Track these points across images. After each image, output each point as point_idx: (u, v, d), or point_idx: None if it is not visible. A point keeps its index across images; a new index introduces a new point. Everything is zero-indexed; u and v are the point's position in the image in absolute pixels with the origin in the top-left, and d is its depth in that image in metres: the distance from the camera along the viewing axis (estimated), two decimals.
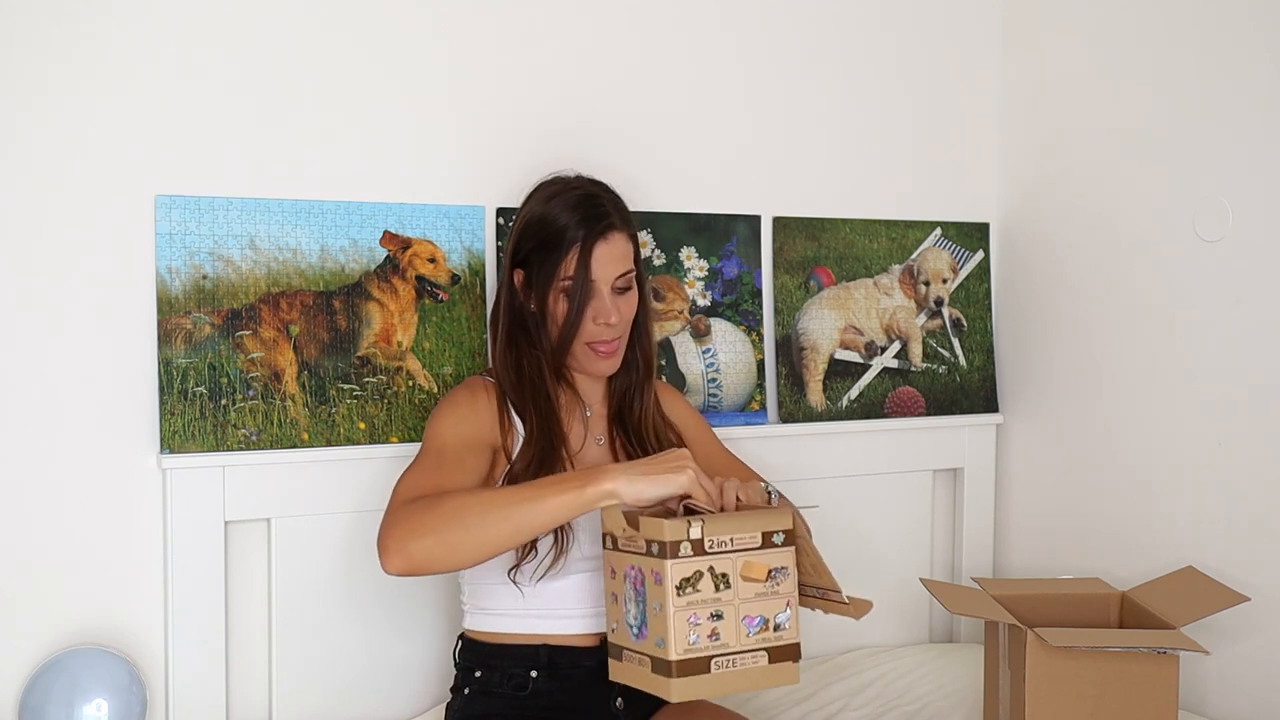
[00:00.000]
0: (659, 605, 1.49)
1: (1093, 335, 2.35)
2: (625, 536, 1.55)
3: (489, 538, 1.53)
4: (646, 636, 1.53)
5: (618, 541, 1.57)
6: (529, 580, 1.74)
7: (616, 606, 1.60)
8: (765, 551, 1.54)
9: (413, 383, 2.05)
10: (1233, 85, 2.08)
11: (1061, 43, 2.44)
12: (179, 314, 1.91)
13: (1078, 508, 2.39)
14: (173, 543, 1.90)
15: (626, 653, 1.58)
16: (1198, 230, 2.13)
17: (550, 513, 1.52)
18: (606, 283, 1.78)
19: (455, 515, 1.53)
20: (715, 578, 1.51)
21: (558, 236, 1.77)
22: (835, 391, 2.41)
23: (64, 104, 1.85)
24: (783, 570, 1.55)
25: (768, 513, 1.56)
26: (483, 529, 1.52)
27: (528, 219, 1.82)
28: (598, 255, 1.77)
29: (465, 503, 1.54)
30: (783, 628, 1.55)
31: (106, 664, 1.81)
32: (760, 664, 1.54)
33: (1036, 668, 1.76)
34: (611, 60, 2.23)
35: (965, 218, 2.57)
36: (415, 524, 1.54)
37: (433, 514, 1.53)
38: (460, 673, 1.83)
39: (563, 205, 1.79)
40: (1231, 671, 2.06)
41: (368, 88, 2.04)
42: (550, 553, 1.72)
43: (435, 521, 1.53)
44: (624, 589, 1.57)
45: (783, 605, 1.55)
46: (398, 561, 1.53)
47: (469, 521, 1.52)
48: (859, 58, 2.46)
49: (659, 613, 1.49)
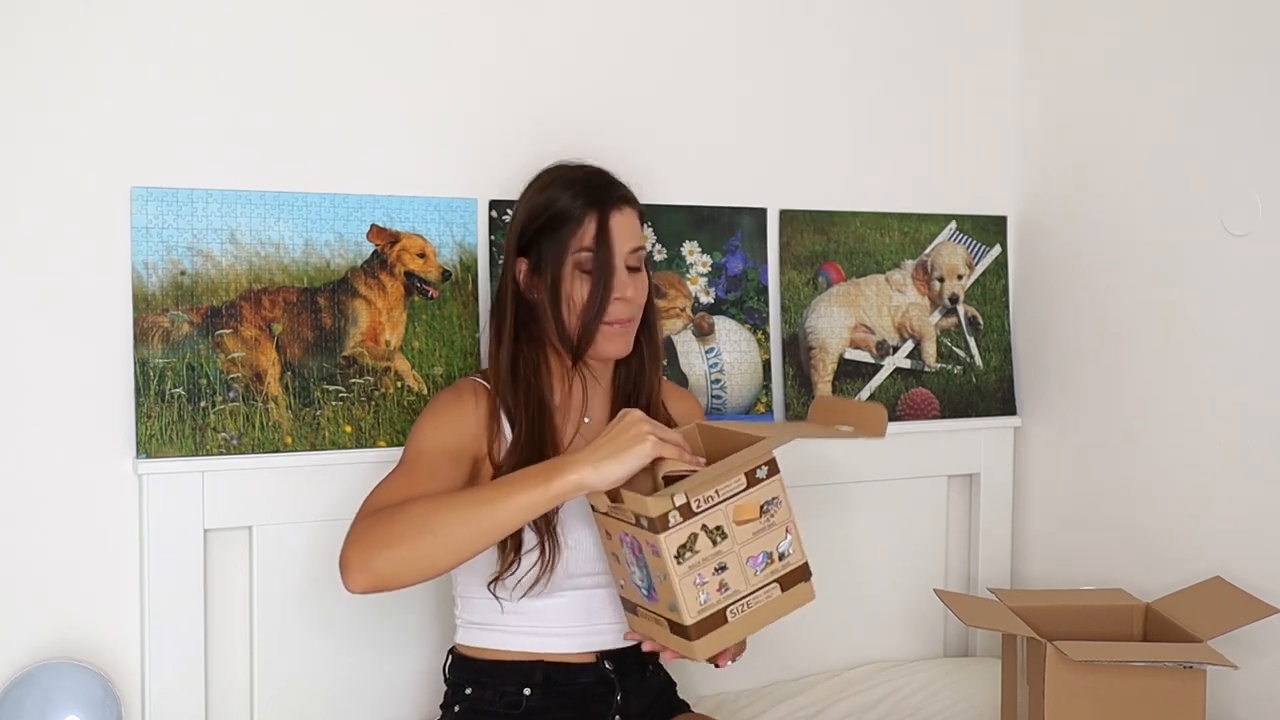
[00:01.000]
0: (663, 575, 1.51)
1: (1114, 334, 2.33)
2: (610, 507, 1.54)
3: (456, 543, 1.48)
4: (658, 599, 1.55)
5: (606, 510, 1.57)
6: (510, 595, 1.71)
7: (620, 566, 1.61)
8: (752, 490, 1.55)
9: (401, 384, 2.02)
10: (1262, 72, 2.05)
11: (1083, 27, 2.42)
12: (156, 312, 1.88)
13: (1099, 515, 2.37)
14: (149, 552, 1.87)
15: (641, 609, 1.61)
16: (1225, 224, 2.10)
17: (517, 511, 1.48)
18: (622, 257, 1.74)
19: (420, 522, 1.48)
20: (710, 533, 1.51)
21: (566, 213, 1.73)
22: (845, 393, 2.39)
23: (35, 92, 1.82)
24: (774, 501, 1.57)
25: (745, 452, 1.53)
26: (449, 534, 1.47)
27: (530, 204, 1.78)
28: (614, 224, 1.73)
29: (428, 508, 1.49)
30: (787, 554, 1.58)
31: (80, 678, 1.79)
32: (774, 596, 1.57)
33: (1056, 683, 1.75)
34: (610, 44, 2.21)
35: (981, 211, 2.55)
36: (378, 536, 1.49)
37: (396, 523, 1.49)
38: (451, 689, 1.81)
39: (567, 184, 1.75)
40: (1261, 687, 2.03)
41: (353, 73, 2.01)
42: (534, 569, 1.68)
43: (399, 531, 1.48)
44: (623, 552, 1.58)
45: (782, 534, 1.58)
46: (361, 579, 1.49)
47: (434, 526, 1.48)
48: (870, 42, 2.44)
49: (664, 580, 1.51)
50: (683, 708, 1.87)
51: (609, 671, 1.76)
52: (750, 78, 2.32)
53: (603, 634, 1.75)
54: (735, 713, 2.08)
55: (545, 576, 1.67)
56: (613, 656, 1.76)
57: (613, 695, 1.76)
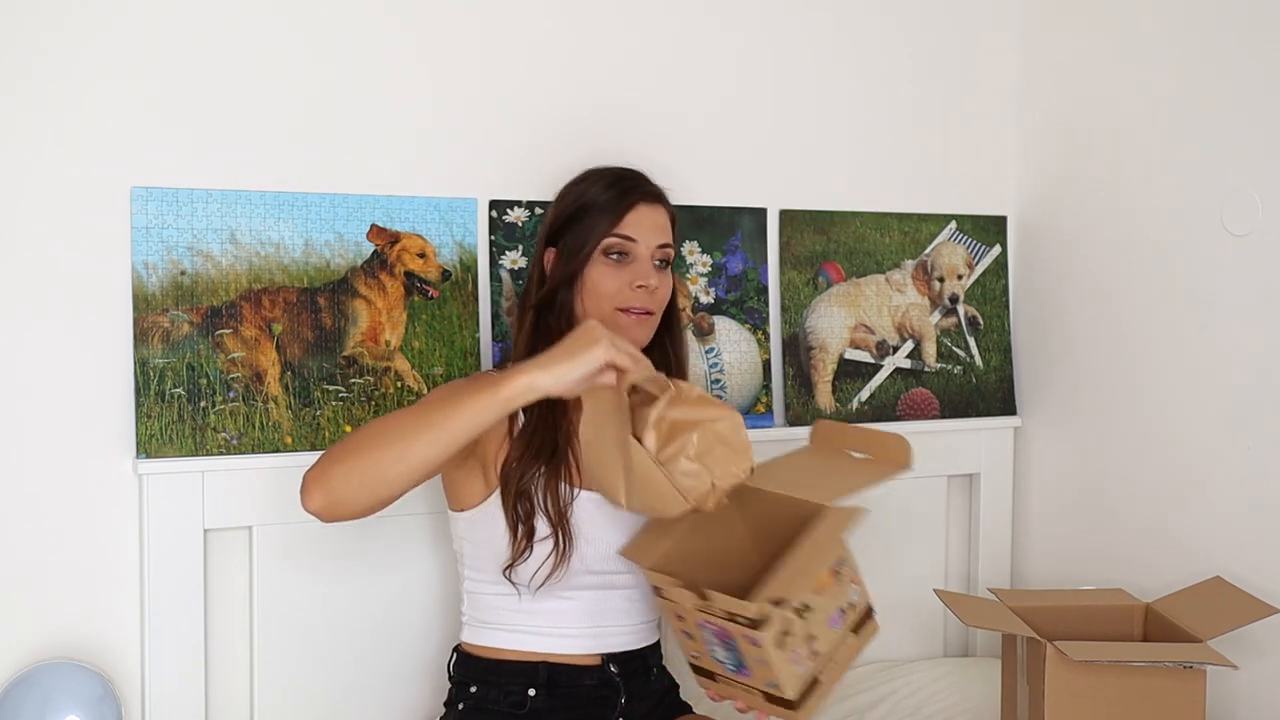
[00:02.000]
0: (761, 660, 1.51)
1: (1115, 334, 2.32)
2: (700, 605, 1.53)
3: (409, 452, 1.45)
4: (751, 676, 1.56)
5: (694, 607, 1.56)
6: (528, 585, 1.70)
7: (693, 642, 1.62)
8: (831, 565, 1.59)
9: (401, 384, 2.01)
10: (1262, 71, 2.04)
11: (1083, 26, 2.41)
12: (156, 312, 1.87)
13: (1099, 515, 2.36)
14: (149, 552, 1.86)
15: (723, 679, 1.61)
16: (1226, 224, 2.09)
17: (470, 417, 1.45)
18: (648, 246, 1.75)
19: (374, 432, 1.47)
20: (799, 612, 1.52)
21: (596, 203, 1.75)
22: (845, 393, 2.37)
23: (35, 92, 1.81)
24: (841, 562, 1.59)
25: (819, 539, 1.56)
26: (403, 443, 1.45)
27: (563, 198, 1.81)
28: (640, 213, 1.75)
29: (384, 420, 1.49)
30: (855, 603, 1.61)
31: (79, 678, 1.78)
32: (849, 641, 1.61)
33: (1056, 683, 1.74)
34: (610, 43, 2.20)
35: (982, 210, 2.54)
36: (333, 454, 1.47)
37: (351, 440, 1.48)
38: (455, 687, 1.80)
39: (600, 178, 1.78)
40: (1261, 686, 2.02)
41: (353, 73, 2.00)
42: (550, 558, 1.67)
43: (354, 444, 1.46)
44: (701, 633, 1.58)
45: (849, 586, 1.61)
46: (316, 495, 1.46)
47: (389, 435, 1.46)
48: (870, 42, 2.43)
49: (763, 664, 1.52)
50: (685, 709, 1.86)
51: (614, 674, 1.75)
52: (749, 78, 2.32)
53: (609, 637, 1.75)
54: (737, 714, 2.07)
55: (563, 566, 1.67)
56: (617, 659, 1.76)
57: (617, 698, 1.75)
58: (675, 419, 1.51)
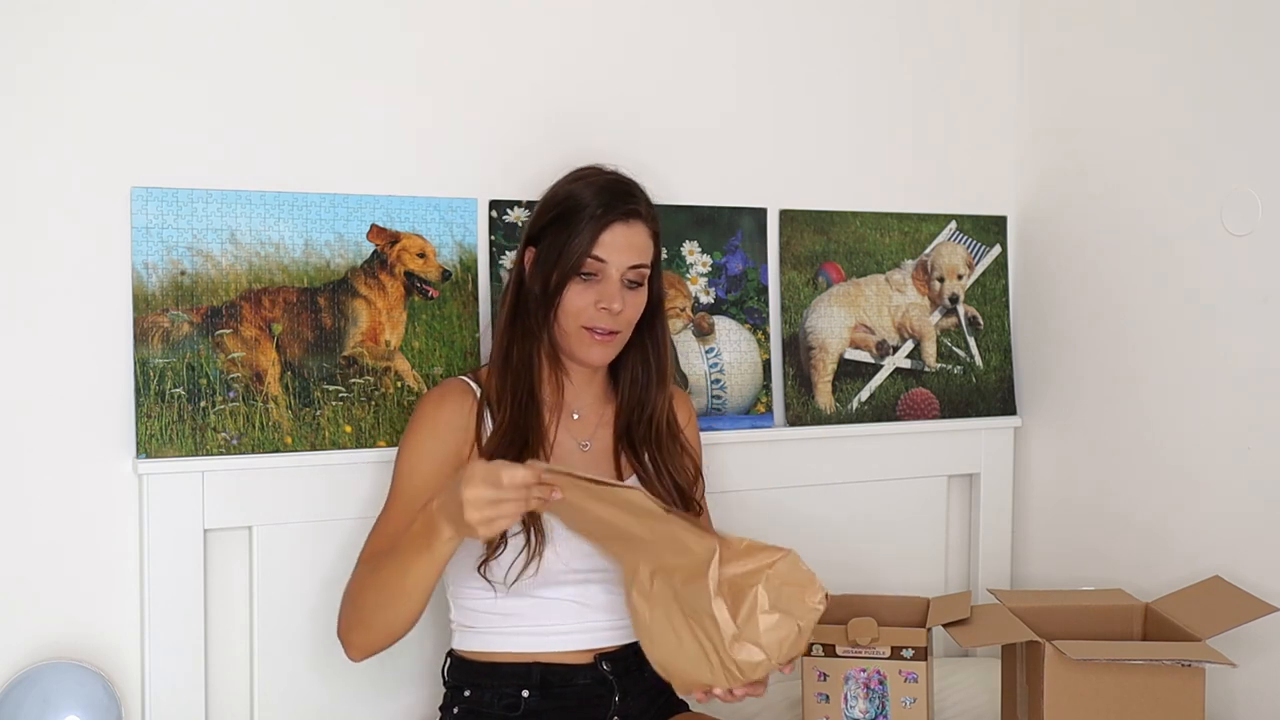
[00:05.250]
0: (910, 700, 1.86)
1: (1114, 334, 2.32)
2: (850, 650, 1.86)
3: (394, 614, 1.62)
4: None
5: (835, 649, 1.87)
6: (504, 580, 1.70)
7: (828, 705, 1.88)
8: None
9: (401, 384, 2.01)
10: (1261, 71, 2.04)
11: (1082, 26, 2.40)
12: (156, 312, 1.87)
13: (1099, 515, 2.36)
14: (149, 552, 1.85)
15: None
16: (1225, 224, 2.09)
17: (420, 575, 1.57)
18: (618, 268, 1.74)
19: (361, 604, 1.64)
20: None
21: (576, 211, 1.74)
22: (845, 393, 2.37)
23: (34, 91, 1.81)
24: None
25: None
26: (385, 610, 1.62)
27: (550, 194, 1.80)
28: (615, 233, 1.74)
29: (360, 589, 1.66)
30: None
31: (80, 679, 1.78)
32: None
33: (1055, 682, 1.75)
34: (611, 43, 2.20)
35: (981, 210, 2.54)
36: (345, 619, 1.68)
37: (349, 605, 1.67)
38: (449, 691, 1.81)
39: (589, 185, 1.77)
40: (1260, 685, 2.03)
41: (353, 72, 2.00)
42: (522, 553, 1.68)
43: (354, 613, 1.66)
44: (845, 689, 1.87)
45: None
46: (354, 654, 1.69)
47: (380, 603, 1.62)
48: (870, 42, 2.42)
49: (909, 706, 1.85)
50: (682, 707, 1.86)
51: (606, 672, 1.75)
52: (749, 78, 2.31)
53: (599, 633, 1.75)
54: (734, 712, 2.07)
55: (535, 561, 1.67)
56: (610, 657, 1.76)
57: (611, 696, 1.75)
58: (733, 577, 1.52)
